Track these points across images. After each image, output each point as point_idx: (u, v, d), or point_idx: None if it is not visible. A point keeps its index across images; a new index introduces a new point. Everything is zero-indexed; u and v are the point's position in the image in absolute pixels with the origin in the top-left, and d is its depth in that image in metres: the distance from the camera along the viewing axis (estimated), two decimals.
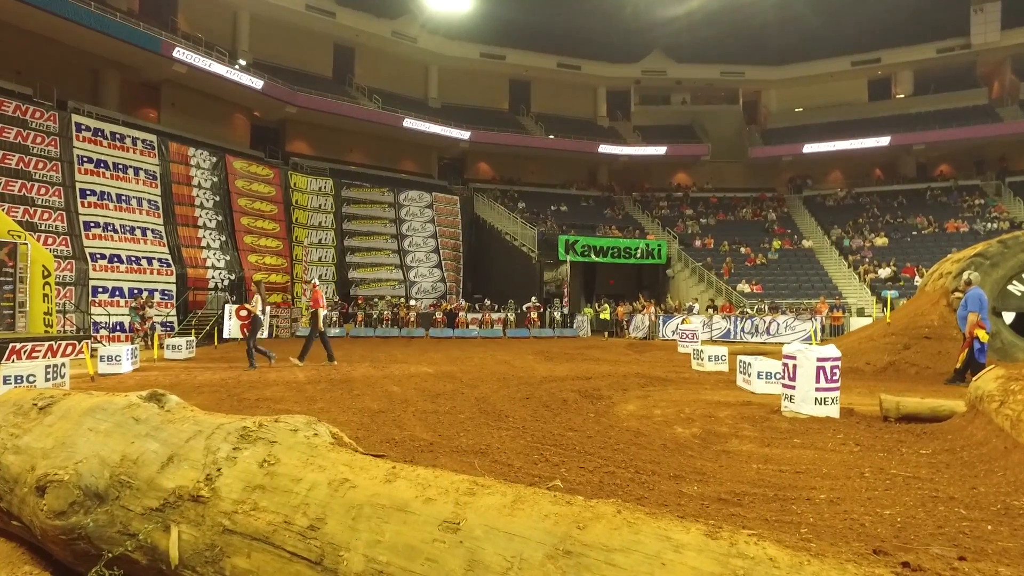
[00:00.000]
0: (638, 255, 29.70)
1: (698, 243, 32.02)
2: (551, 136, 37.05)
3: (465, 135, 34.64)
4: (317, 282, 13.69)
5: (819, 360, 6.52)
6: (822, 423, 6.27)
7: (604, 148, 37.41)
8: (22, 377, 7.79)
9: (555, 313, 25.83)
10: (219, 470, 2.24)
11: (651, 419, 6.54)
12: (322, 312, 12.69)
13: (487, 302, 26.16)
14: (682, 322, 21.28)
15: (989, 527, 3.15)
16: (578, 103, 40.38)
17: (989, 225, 28.94)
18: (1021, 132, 32.42)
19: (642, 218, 35.27)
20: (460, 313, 25.23)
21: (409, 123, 32.67)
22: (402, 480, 1.92)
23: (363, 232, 29.35)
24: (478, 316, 24.91)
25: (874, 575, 1.31)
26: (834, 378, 6.58)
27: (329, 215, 28.46)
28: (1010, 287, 10.14)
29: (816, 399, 6.55)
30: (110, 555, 2.27)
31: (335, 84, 33.34)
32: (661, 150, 37.78)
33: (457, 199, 33.07)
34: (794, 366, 6.71)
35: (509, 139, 36.17)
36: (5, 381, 7.62)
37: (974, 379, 5.87)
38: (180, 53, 24.93)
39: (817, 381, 6.54)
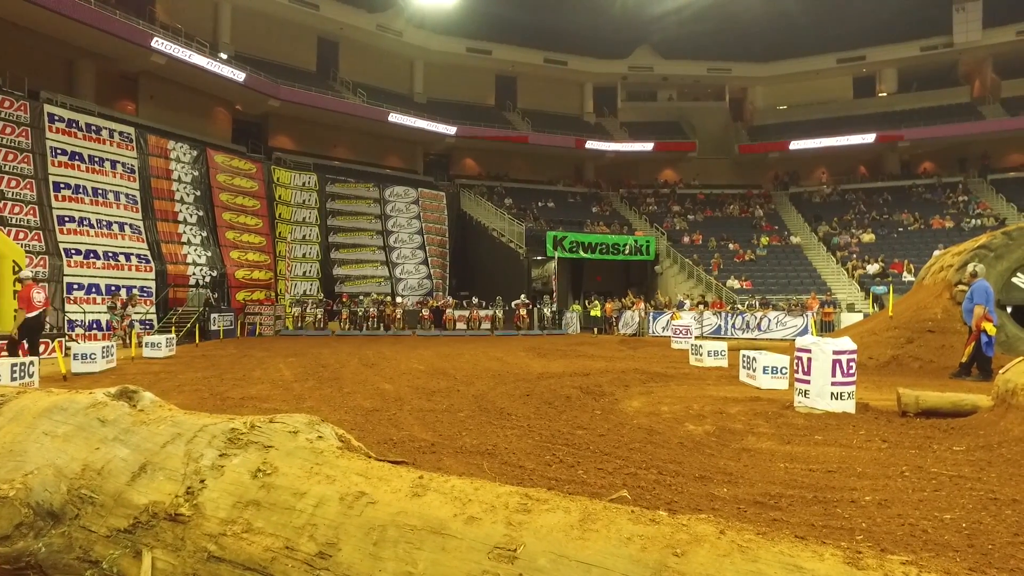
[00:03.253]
0: (626, 251, 29.46)
1: (686, 239, 31.84)
2: (538, 132, 36.68)
3: (451, 130, 34.17)
4: (30, 276, 10.92)
5: (835, 353, 6.24)
6: (839, 419, 5.99)
7: (591, 144, 37.12)
8: None
9: (545, 310, 25.46)
10: (203, 482, 1.85)
11: (660, 416, 6.22)
12: (33, 315, 10.12)
13: (474, 300, 25.73)
14: (672, 318, 21.04)
15: None
16: (565, 99, 40.06)
17: (973, 222, 29.06)
18: (1003, 130, 32.64)
19: (630, 214, 35.04)
20: (448, 310, 24.75)
21: (395, 118, 32.13)
22: (434, 493, 1.55)
23: (348, 228, 28.79)
24: (465, 313, 24.45)
25: None
26: (850, 372, 6.30)
27: (313, 211, 27.86)
28: (1015, 279, 9.97)
29: (832, 394, 6.26)
30: None
31: (319, 78, 32.70)
32: (648, 146, 37.57)
33: (443, 195, 32.60)
34: (808, 360, 6.42)
35: (495, 134, 35.74)
36: None
37: (1002, 372, 5.60)
38: (159, 43, 24.21)
39: (833, 375, 6.25)
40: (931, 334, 10.21)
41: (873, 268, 26.69)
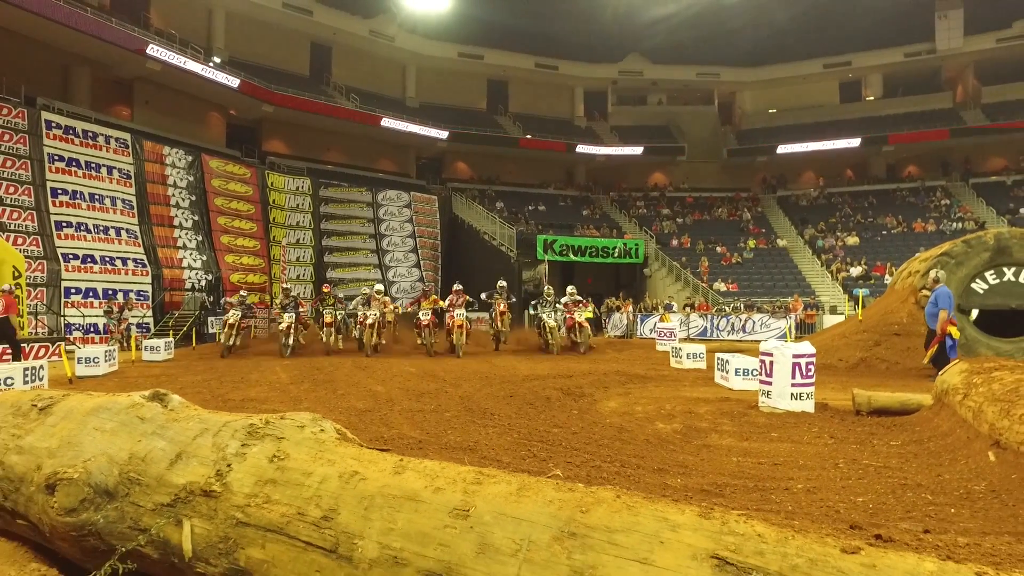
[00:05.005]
0: (616, 254, 29.98)
1: (675, 242, 32.42)
2: (529, 136, 37.21)
3: (443, 135, 34.65)
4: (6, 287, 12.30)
5: (795, 357, 6.74)
6: (798, 417, 6.49)
7: (582, 148, 37.67)
8: None
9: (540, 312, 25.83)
10: (229, 466, 2.32)
11: (633, 415, 6.70)
12: None
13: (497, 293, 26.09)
14: (661, 319, 21.56)
15: (952, 510, 3.35)
16: (556, 103, 40.60)
17: (955, 225, 29.75)
18: (983, 135, 33.42)
19: (619, 217, 35.60)
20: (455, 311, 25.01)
21: (387, 122, 32.58)
22: (410, 472, 2.03)
23: (341, 232, 29.21)
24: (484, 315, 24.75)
25: (851, 545, 1.45)
26: (809, 374, 6.81)
27: (307, 215, 28.29)
28: (973, 285, 10.51)
29: (792, 394, 6.77)
30: (123, 550, 2.34)
31: (312, 83, 33.12)
32: (638, 150, 38.16)
33: (435, 199, 33.06)
34: (771, 363, 6.92)
35: (487, 139, 36.26)
36: None
37: (940, 373, 6.12)
38: (154, 51, 24.59)
39: (793, 377, 6.76)
40: (897, 337, 10.75)
41: (856, 271, 27.32)
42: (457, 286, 16.15)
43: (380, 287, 16.62)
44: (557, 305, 16.61)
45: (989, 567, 1.35)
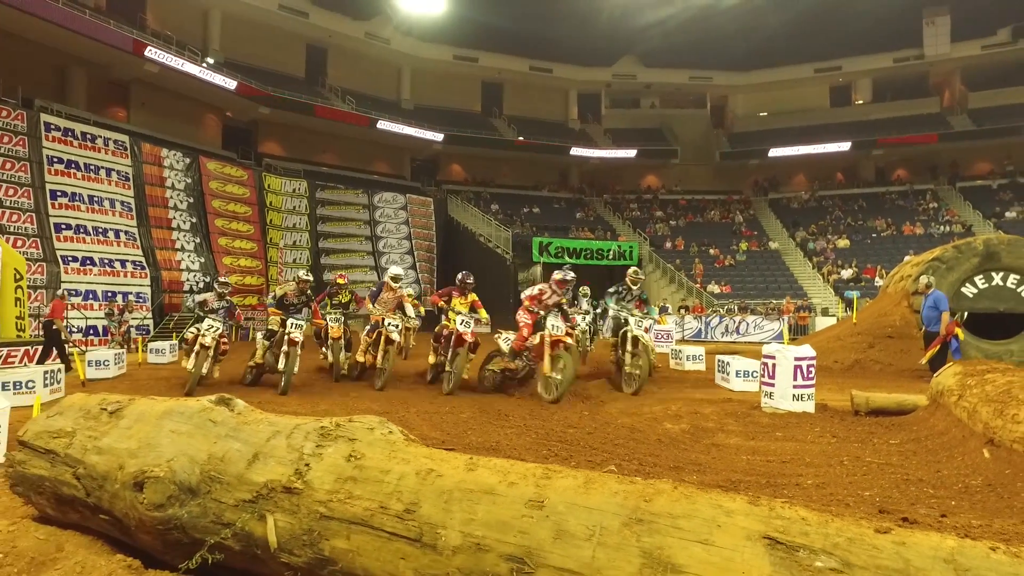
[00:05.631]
0: (610, 256, 30.28)
1: (668, 245, 32.79)
2: (523, 138, 37.49)
3: (438, 137, 34.86)
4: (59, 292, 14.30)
5: (796, 359, 7.03)
6: (800, 418, 6.77)
7: (576, 151, 38.00)
8: (21, 383, 7.87)
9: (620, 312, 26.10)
10: (307, 465, 2.55)
11: (641, 416, 6.96)
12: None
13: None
14: (657, 321, 21.83)
15: (953, 502, 3.62)
16: (550, 106, 40.90)
17: (943, 228, 30.29)
18: (970, 139, 34.05)
19: (613, 220, 35.94)
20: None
21: (382, 125, 32.76)
22: (482, 469, 2.27)
23: (337, 234, 29.36)
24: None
25: (883, 526, 1.71)
26: (810, 376, 7.09)
27: (303, 217, 28.42)
28: (963, 289, 10.87)
29: (794, 395, 7.05)
30: (211, 542, 2.56)
31: (308, 85, 33.24)
32: (631, 153, 38.52)
33: (431, 201, 33.26)
34: (773, 365, 7.20)
35: (482, 141, 36.52)
36: (4, 387, 7.70)
37: (935, 375, 6.42)
38: (152, 53, 24.67)
39: (795, 379, 7.04)
40: (891, 339, 11.09)
41: (847, 273, 27.77)
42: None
43: (398, 271, 10.86)
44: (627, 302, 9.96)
45: (1000, 543, 1.61)
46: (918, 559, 1.63)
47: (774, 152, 37.04)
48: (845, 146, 35.85)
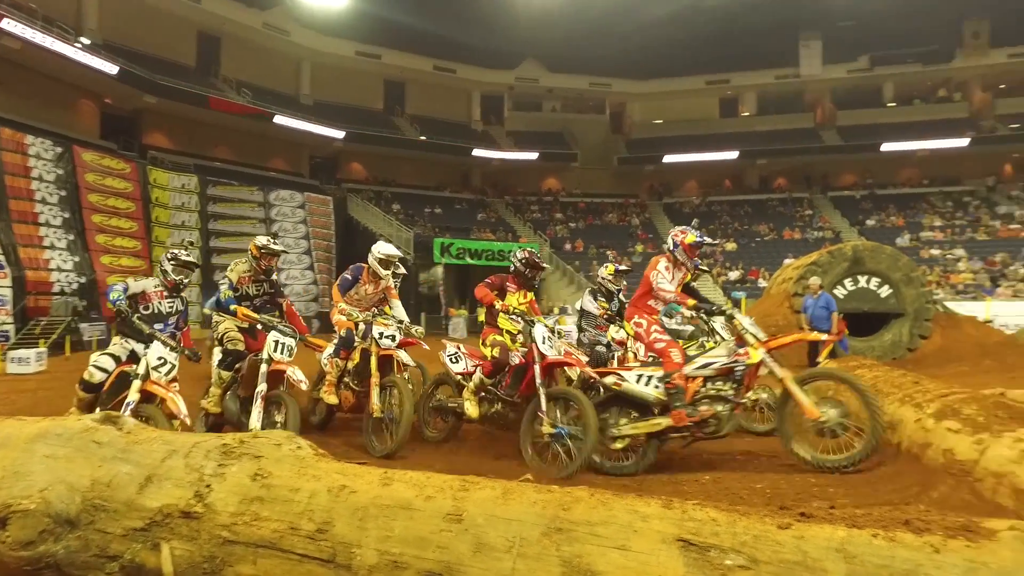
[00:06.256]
0: (511, 258, 30.57)
1: (568, 246, 33.56)
2: (426, 138, 37.20)
3: (339, 134, 33.92)
4: None
5: None
6: None
7: (478, 152, 38.13)
8: None
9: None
10: (208, 487, 2.39)
11: None
12: None
13: None
14: (557, 322, 22.27)
15: (831, 489, 3.94)
16: (453, 106, 40.78)
17: (816, 234, 32.83)
18: (838, 153, 37.25)
19: (514, 221, 36.36)
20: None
21: (280, 120, 31.45)
22: (398, 483, 2.22)
23: (231, 232, 27.88)
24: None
25: (784, 523, 1.82)
26: None
27: (193, 214, 26.79)
28: (835, 291, 11.84)
29: None
30: None
31: (199, 75, 31.37)
32: (533, 155, 39.13)
33: (330, 200, 32.29)
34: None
35: (384, 140, 35.91)
36: None
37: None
38: (10, 25, 22.28)
39: None
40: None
41: (734, 275, 29.52)
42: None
43: (391, 248, 6.71)
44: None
45: (880, 530, 1.77)
46: (814, 550, 1.75)
47: (668, 158, 38.80)
48: (733, 155, 38.10)
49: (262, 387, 5.17)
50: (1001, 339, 13.20)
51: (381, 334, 5.73)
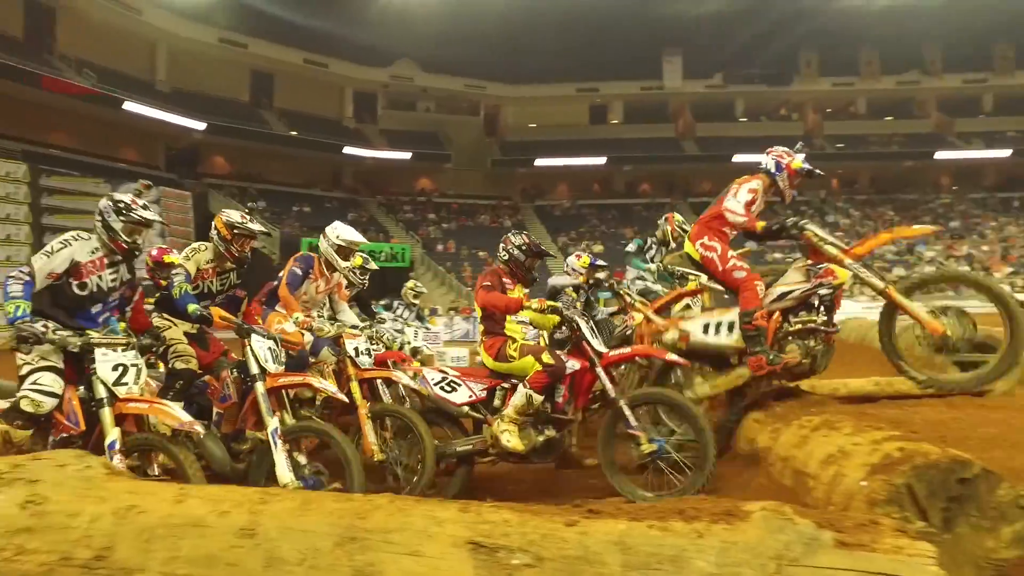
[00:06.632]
0: (382, 258, 29.96)
1: (440, 247, 33.62)
2: (295, 133, 35.74)
3: (200, 125, 31.79)
4: None
5: None
6: None
7: (350, 150, 37.19)
8: None
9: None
10: None
11: None
12: None
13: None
14: (428, 322, 22.19)
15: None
16: (324, 102, 39.44)
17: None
18: (696, 162, 39.99)
19: (387, 221, 35.86)
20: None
21: (131, 106, 28.96)
22: (193, 499, 2.11)
23: (71, 228, 25.22)
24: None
25: (571, 520, 1.93)
26: None
27: (22, 206, 23.97)
28: None
29: None
30: None
31: (30, 49, 28.11)
32: (406, 155, 38.75)
33: (189, 195, 30.08)
34: None
35: (250, 134, 34.08)
36: None
37: None
38: None
39: None
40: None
41: (602, 275, 30.79)
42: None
43: (352, 233, 5.38)
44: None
45: (657, 520, 1.92)
46: (596, 544, 1.86)
47: (540, 162, 39.87)
48: (601, 160, 39.80)
49: (272, 421, 3.62)
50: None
51: (356, 350, 4.51)
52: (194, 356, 4.27)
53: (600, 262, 6.46)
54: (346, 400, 4.10)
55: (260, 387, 3.72)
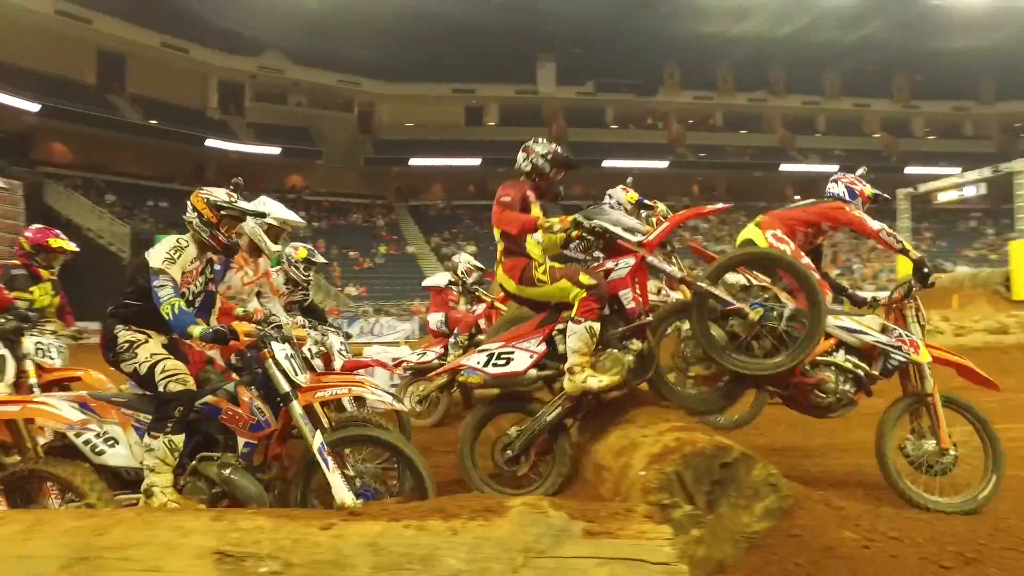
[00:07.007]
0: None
1: (310, 246, 32.47)
2: (154, 123, 33.13)
3: (34, 107, 28.65)
4: None
5: (394, 360, 7.60)
6: None
7: (213, 142, 35.05)
8: None
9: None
10: None
11: None
12: None
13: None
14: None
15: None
16: (185, 90, 36.83)
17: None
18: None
19: None
20: None
21: None
22: None
23: None
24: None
25: (327, 523, 1.92)
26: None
27: None
28: None
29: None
30: None
31: None
32: (276, 150, 37.13)
33: (20, 185, 27.00)
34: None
35: (96, 120, 31.15)
36: None
37: None
38: None
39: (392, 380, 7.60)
40: None
41: (475, 276, 31.09)
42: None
43: (288, 211, 5.43)
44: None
45: (416, 520, 1.95)
46: (348, 547, 1.86)
47: (415, 161, 39.61)
48: (476, 162, 40.11)
49: (317, 438, 3.07)
50: None
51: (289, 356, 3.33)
52: (189, 374, 3.34)
53: (647, 200, 5.72)
54: (404, 408, 3.76)
55: (296, 407, 3.13)
